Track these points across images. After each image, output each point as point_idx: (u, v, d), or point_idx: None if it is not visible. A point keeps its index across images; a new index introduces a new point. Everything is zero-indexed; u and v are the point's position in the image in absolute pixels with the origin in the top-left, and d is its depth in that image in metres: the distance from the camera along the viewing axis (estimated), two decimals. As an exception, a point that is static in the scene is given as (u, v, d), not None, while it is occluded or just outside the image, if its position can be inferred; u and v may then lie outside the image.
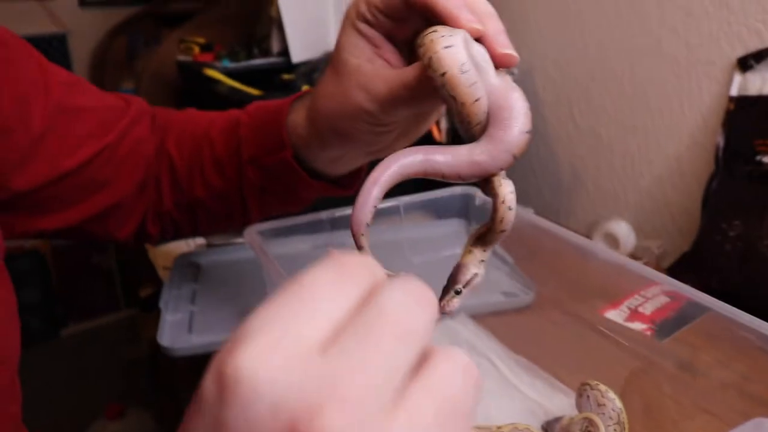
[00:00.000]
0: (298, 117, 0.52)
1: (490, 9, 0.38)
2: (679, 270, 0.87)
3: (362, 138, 0.46)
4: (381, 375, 0.17)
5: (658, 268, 0.92)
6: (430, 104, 0.40)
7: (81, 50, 2.37)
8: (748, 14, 0.87)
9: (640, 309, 0.67)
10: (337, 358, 0.17)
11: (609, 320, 0.67)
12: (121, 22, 2.34)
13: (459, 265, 0.37)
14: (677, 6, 0.95)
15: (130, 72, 2.05)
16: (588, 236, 0.99)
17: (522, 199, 0.79)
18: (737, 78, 0.88)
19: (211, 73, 1.11)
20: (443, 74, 0.34)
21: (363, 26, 0.42)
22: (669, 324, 0.62)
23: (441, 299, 0.36)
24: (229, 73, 1.14)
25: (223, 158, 0.59)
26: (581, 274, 0.73)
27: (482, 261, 0.38)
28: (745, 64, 0.88)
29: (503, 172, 0.36)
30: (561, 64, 1.18)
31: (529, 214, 0.82)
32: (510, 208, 0.36)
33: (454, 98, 0.34)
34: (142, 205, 0.64)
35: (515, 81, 0.36)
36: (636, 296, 0.70)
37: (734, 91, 0.88)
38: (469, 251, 0.38)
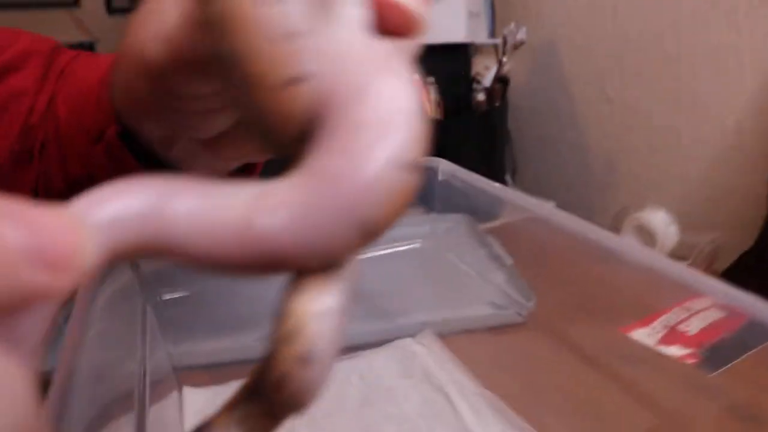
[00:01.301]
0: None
1: None
2: (738, 275, 0.75)
3: (167, 112, 0.30)
4: None
5: (709, 271, 0.82)
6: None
7: (109, 58, 2.54)
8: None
9: (681, 327, 0.52)
10: None
11: (634, 342, 0.51)
12: (150, 27, 2.42)
13: (202, 427, 0.17)
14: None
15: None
16: (615, 230, 0.89)
17: (545, 193, 0.67)
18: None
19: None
20: None
21: None
22: (722, 350, 0.48)
23: None
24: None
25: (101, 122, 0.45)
26: (600, 280, 0.60)
27: None
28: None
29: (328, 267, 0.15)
30: (589, 29, 1.10)
31: (536, 202, 0.67)
32: (305, 361, 0.14)
33: (226, 38, 0.15)
34: (28, 179, 0.52)
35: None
36: (675, 310, 0.56)
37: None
38: (227, 417, 0.17)
